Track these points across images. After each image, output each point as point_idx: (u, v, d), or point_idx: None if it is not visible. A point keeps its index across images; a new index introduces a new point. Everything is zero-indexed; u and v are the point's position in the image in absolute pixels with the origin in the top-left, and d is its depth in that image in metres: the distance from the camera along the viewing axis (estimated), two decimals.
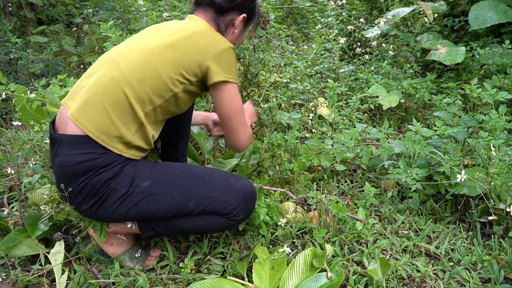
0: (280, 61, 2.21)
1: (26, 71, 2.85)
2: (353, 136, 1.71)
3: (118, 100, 1.16)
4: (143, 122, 1.21)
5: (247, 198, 1.29)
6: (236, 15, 1.34)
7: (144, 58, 1.19)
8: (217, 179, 1.27)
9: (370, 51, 2.85)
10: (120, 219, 1.25)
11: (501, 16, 2.64)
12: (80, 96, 1.19)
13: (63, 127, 1.20)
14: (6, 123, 2.53)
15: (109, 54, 1.26)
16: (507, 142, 1.80)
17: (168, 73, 1.20)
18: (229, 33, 1.37)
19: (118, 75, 1.17)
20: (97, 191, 1.17)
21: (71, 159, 1.15)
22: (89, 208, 1.20)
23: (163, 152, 1.69)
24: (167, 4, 2.62)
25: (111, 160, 1.17)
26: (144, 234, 1.32)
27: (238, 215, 1.27)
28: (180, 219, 1.27)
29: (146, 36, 1.28)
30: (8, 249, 1.33)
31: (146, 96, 1.19)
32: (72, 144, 1.16)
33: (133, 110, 1.18)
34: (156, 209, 1.22)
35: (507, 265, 1.40)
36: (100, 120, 1.15)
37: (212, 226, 1.28)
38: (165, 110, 1.26)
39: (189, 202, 1.23)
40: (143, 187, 1.20)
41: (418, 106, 2.53)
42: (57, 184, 1.20)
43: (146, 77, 1.18)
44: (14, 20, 3.44)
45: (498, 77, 2.38)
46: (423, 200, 1.77)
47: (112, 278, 1.31)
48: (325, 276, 1.22)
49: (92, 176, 1.16)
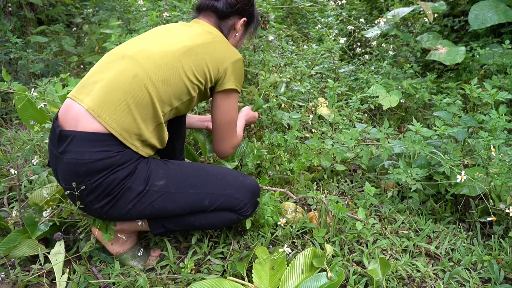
0: (280, 61, 2.22)
1: (26, 71, 2.85)
2: (353, 136, 1.71)
3: (141, 98, 1.17)
4: (161, 122, 1.23)
5: (254, 194, 1.36)
6: (237, 19, 1.40)
7: (168, 60, 1.21)
8: (228, 177, 1.32)
9: (370, 51, 2.85)
10: (133, 217, 1.24)
11: (501, 16, 2.64)
12: (96, 91, 1.16)
13: (74, 122, 1.14)
14: (6, 123, 2.53)
15: (124, 51, 1.24)
16: (507, 142, 1.80)
17: (189, 77, 1.24)
18: (231, 37, 1.43)
19: (142, 74, 1.18)
20: (111, 190, 1.15)
21: (87, 156, 1.11)
22: (101, 207, 1.18)
23: (160, 150, 1.69)
24: (167, 4, 2.62)
25: (127, 158, 1.17)
26: (154, 231, 1.33)
27: (247, 210, 1.33)
28: (193, 216, 1.30)
29: (163, 38, 1.29)
30: (9, 250, 1.33)
31: (167, 98, 1.22)
32: (87, 141, 1.12)
33: (154, 110, 1.20)
34: (172, 207, 1.24)
35: (507, 265, 1.40)
36: (123, 117, 1.15)
37: (223, 221, 1.33)
38: (177, 111, 1.30)
39: (205, 199, 1.27)
40: (159, 186, 1.21)
41: (418, 106, 2.53)
42: (66, 182, 1.16)
43: (170, 79, 1.21)
44: (14, 20, 3.44)
45: (498, 77, 2.38)
46: (423, 200, 1.77)
47: (113, 278, 1.31)
48: (325, 276, 1.22)
49: (108, 174, 1.14)
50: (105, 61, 1.24)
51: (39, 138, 1.79)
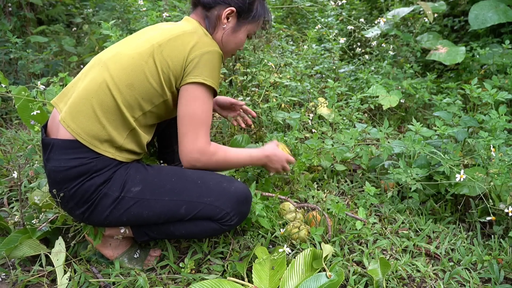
0: (280, 61, 2.22)
1: (26, 71, 2.85)
2: (353, 136, 1.71)
3: (107, 104, 1.15)
4: (134, 127, 1.19)
5: (241, 202, 1.24)
6: (222, 9, 1.27)
7: (134, 62, 1.17)
8: (210, 183, 1.22)
9: (370, 51, 2.85)
10: (113, 224, 1.23)
11: (501, 16, 2.64)
12: (71, 99, 1.18)
13: (55, 131, 1.19)
14: (6, 123, 2.53)
15: (101, 56, 1.24)
16: (507, 142, 1.80)
17: (155, 79, 1.18)
18: (219, 29, 1.30)
19: (108, 79, 1.16)
20: (89, 197, 1.16)
21: (63, 164, 1.13)
22: (81, 214, 1.19)
23: (160, 153, 1.69)
24: (167, 4, 2.62)
25: (104, 164, 1.16)
26: (138, 239, 1.31)
27: (231, 220, 1.23)
28: (172, 225, 1.24)
29: (136, 39, 1.25)
30: (10, 250, 1.33)
31: (135, 102, 1.17)
32: (63, 148, 1.14)
33: (122, 115, 1.17)
34: (147, 215, 1.20)
35: (507, 265, 1.40)
36: (90, 125, 1.14)
37: (205, 231, 1.25)
38: (155, 115, 1.25)
39: (181, 207, 1.20)
40: (134, 192, 1.18)
41: (418, 106, 2.53)
42: (50, 189, 1.19)
43: (135, 82, 1.17)
44: (14, 20, 3.44)
45: (498, 77, 2.38)
46: (423, 200, 1.77)
47: (112, 278, 1.31)
48: (325, 276, 1.22)
49: (84, 181, 1.14)
50: (87, 67, 1.25)
51: (39, 138, 1.79)
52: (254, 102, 2.01)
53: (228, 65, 2.29)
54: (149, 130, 1.28)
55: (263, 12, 1.36)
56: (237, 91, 2.19)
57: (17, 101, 1.67)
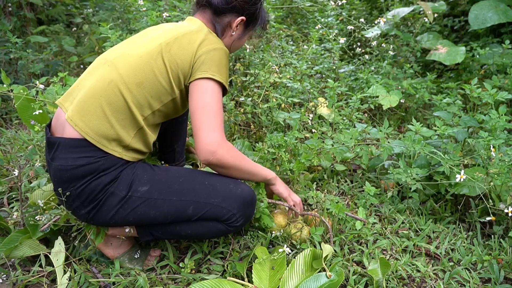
0: (280, 61, 2.21)
1: (26, 71, 2.85)
2: (353, 136, 1.71)
3: (116, 103, 1.16)
4: (142, 126, 1.20)
5: (246, 204, 1.25)
6: (234, 17, 1.31)
7: (142, 62, 1.18)
8: (216, 184, 1.23)
9: (370, 51, 2.85)
10: (118, 224, 1.23)
11: (501, 16, 2.64)
12: (77, 98, 1.18)
13: (61, 130, 1.19)
14: (6, 123, 2.53)
15: (107, 56, 1.25)
16: (507, 142, 1.80)
17: (164, 77, 1.19)
18: (227, 35, 1.34)
19: (117, 78, 1.17)
20: (95, 196, 1.16)
21: (70, 162, 1.13)
22: (87, 213, 1.19)
23: (161, 153, 1.69)
24: (167, 4, 2.62)
25: (111, 163, 1.16)
26: (143, 239, 1.31)
27: (237, 221, 1.24)
28: (178, 225, 1.25)
29: (143, 39, 1.26)
30: (10, 250, 1.33)
31: (145, 101, 1.19)
32: (70, 147, 1.14)
33: (132, 114, 1.17)
34: (154, 215, 1.20)
35: (507, 265, 1.40)
36: (99, 124, 1.14)
37: (210, 232, 1.26)
38: (163, 114, 1.26)
39: (188, 208, 1.20)
40: (141, 192, 1.19)
41: (418, 106, 2.53)
42: (55, 188, 1.19)
43: (144, 81, 1.18)
44: (14, 20, 3.44)
45: (498, 77, 2.38)
46: (423, 200, 1.77)
47: (113, 278, 1.31)
48: (325, 276, 1.22)
49: (91, 180, 1.15)
50: (92, 67, 1.25)
51: (39, 138, 1.79)
52: (254, 102, 2.01)
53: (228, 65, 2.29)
54: (155, 129, 1.29)
55: (265, 17, 1.41)
56: (237, 91, 2.19)
57: (17, 101, 1.67)
